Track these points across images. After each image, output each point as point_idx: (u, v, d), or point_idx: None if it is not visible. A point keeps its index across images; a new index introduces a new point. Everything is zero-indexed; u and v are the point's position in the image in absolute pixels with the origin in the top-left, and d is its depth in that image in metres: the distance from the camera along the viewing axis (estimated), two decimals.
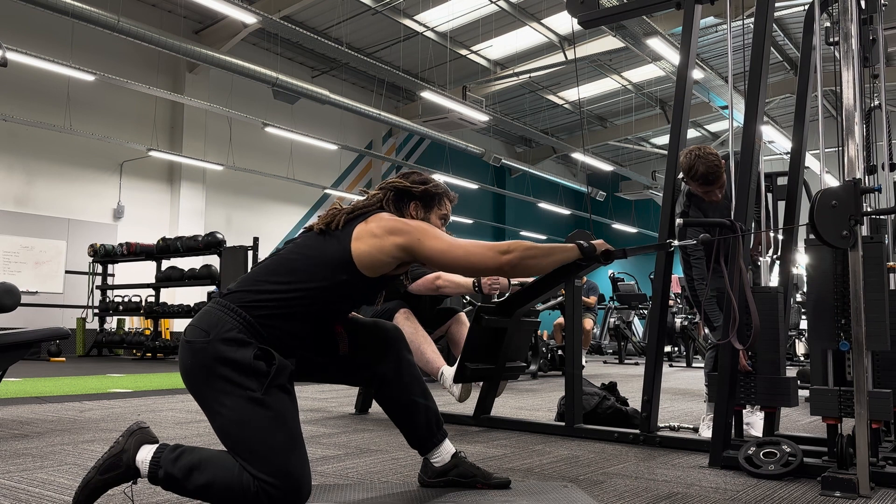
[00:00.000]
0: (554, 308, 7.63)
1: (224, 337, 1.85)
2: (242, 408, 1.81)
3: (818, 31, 3.18)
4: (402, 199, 2.19)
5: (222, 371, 1.83)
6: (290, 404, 1.89)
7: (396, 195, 2.19)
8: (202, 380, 1.86)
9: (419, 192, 2.20)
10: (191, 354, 1.88)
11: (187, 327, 1.95)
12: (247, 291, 1.94)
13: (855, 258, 2.31)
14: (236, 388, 1.82)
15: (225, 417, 1.82)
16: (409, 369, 2.20)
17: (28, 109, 11.57)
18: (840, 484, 2.24)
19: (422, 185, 2.21)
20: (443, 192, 2.26)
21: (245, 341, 1.86)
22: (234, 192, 14.87)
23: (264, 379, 1.84)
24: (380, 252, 1.98)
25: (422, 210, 2.21)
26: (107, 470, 1.82)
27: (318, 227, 2.05)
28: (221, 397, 1.82)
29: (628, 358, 11.56)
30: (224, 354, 1.84)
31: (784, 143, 15.49)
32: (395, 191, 2.19)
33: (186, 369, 1.90)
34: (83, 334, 10.64)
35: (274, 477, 1.76)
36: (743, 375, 2.82)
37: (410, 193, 2.20)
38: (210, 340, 1.85)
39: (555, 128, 20.14)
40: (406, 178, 2.24)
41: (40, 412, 4.04)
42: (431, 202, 2.23)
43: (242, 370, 1.83)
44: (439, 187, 2.26)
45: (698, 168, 3.25)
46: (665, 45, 10.67)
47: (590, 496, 2.19)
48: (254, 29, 12.53)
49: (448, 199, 2.28)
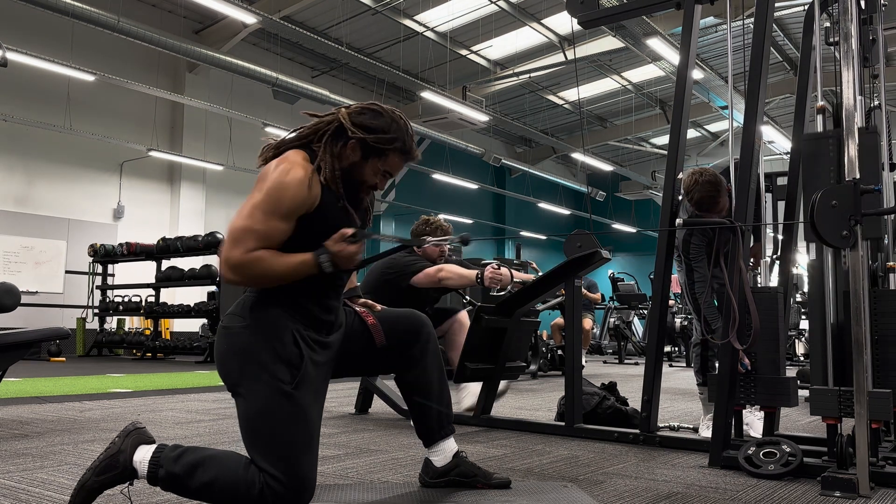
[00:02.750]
0: (554, 308, 7.63)
1: (259, 320, 1.86)
2: (270, 398, 1.80)
3: (818, 31, 3.18)
4: (342, 135, 1.93)
5: (257, 356, 1.83)
6: (316, 405, 1.90)
7: (337, 130, 1.93)
8: (236, 366, 1.85)
9: (356, 138, 1.91)
10: (227, 340, 1.89)
11: (224, 315, 1.95)
12: None
13: (855, 258, 2.31)
14: (269, 377, 1.82)
15: (251, 405, 1.82)
16: (434, 358, 2.20)
17: (28, 109, 11.57)
18: (840, 484, 2.24)
19: (364, 131, 1.91)
20: (391, 147, 1.94)
21: (280, 325, 1.86)
22: (234, 192, 14.86)
23: (296, 372, 1.84)
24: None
25: (359, 152, 1.94)
26: (103, 471, 1.81)
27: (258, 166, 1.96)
28: (252, 384, 1.82)
29: (628, 358, 11.56)
30: (260, 340, 1.84)
31: (784, 143, 15.50)
32: (338, 126, 1.93)
33: (221, 355, 1.90)
34: (83, 334, 10.64)
35: (283, 473, 1.75)
36: (743, 375, 2.82)
37: (346, 136, 1.92)
38: (248, 325, 1.87)
39: (555, 128, 20.14)
40: (359, 114, 1.95)
41: (40, 412, 4.04)
42: (371, 151, 1.94)
43: (277, 355, 1.83)
44: (386, 141, 1.93)
45: (694, 195, 3.26)
46: (665, 45, 10.67)
47: (590, 496, 2.19)
48: (254, 29, 12.53)
49: (399, 153, 1.97)
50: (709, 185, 3.24)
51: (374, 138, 1.92)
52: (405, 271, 3.92)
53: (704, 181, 3.24)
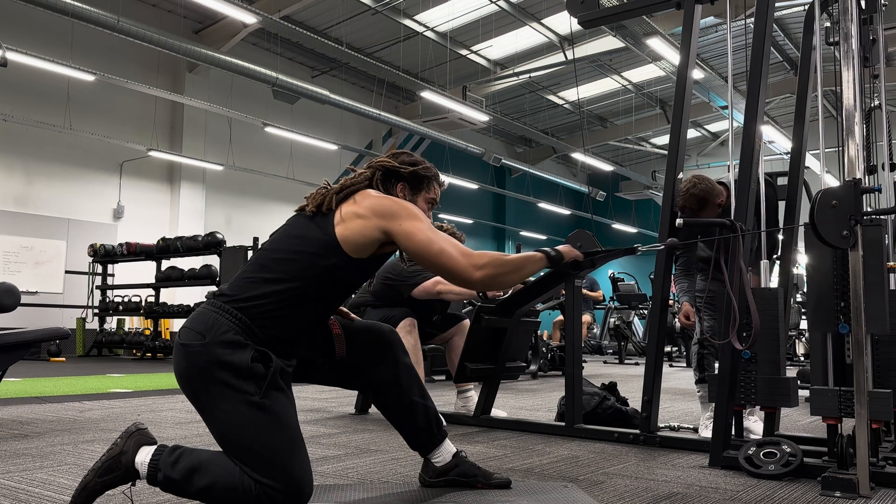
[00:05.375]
0: (554, 308, 7.63)
1: (220, 340, 1.83)
2: (241, 412, 1.78)
3: (818, 31, 3.18)
4: (390, 180, 2.13)
5: (220, 375, 1.80)
6: (289, 406, 1.88)
7: (385, 175, 2.12)
8: (199, 384, 1.83)
9: (407, 173, 2.13)
10: (186, 358, 1.85)
11: (181, 330, 1.91)
12: (239, 291, 1.91)
13: (855, 258, 2.31)
14: (234, 393, 1.79)
15: (223, 422, 1.80)
16: (406, 371, 2.18)
17: (28, 109, 11.57)
18: (840, 484, 2.24)
19: (411, 165, 2.15)
20: (432, 175, 2.19)
21: (242, 343, 1.84)
22: (234, 192, 14.86)
23: (262, 381, 1.82)
24: (361, 234, 1.94)
25: (409, 192, 2.15)
26: (105, 472, 1.80)
27: (310, 210, 2.00)
28: (219, 402, 1.80)
29: (628, 358, 11.55)
30: (221, 358, 1.81)
31: (784, 143, 15.49)
32: (384, 170, 2.12)
33: (182, 373, 1.86)
34: (83, 334, 10.63)
35: (276, 480, 1.75)
36: (743, 375, 2.82)
37: (398, 174, 2.13)
38: (206, 343, 1.82)
39: (555, 128, 20.14)
40: (395, 157, 2.16)
41: (40, 412, 4.03)
42: (419, 185, 2.16)
43: (240, 374, 1.80)
44: (429, 170, 2.19)
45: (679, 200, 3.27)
46: (665, 45, 10.66)
47: (590, 496, 2.19)
48: (254, 29, 12.53)
49: (437, 183, 2.21)
50: (693, 199, 3.27)
51: (421, 168, 2.15)
52: (406, 282, 3.97)
53: (693, 193, 3.27)
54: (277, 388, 1.86)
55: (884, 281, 2.38)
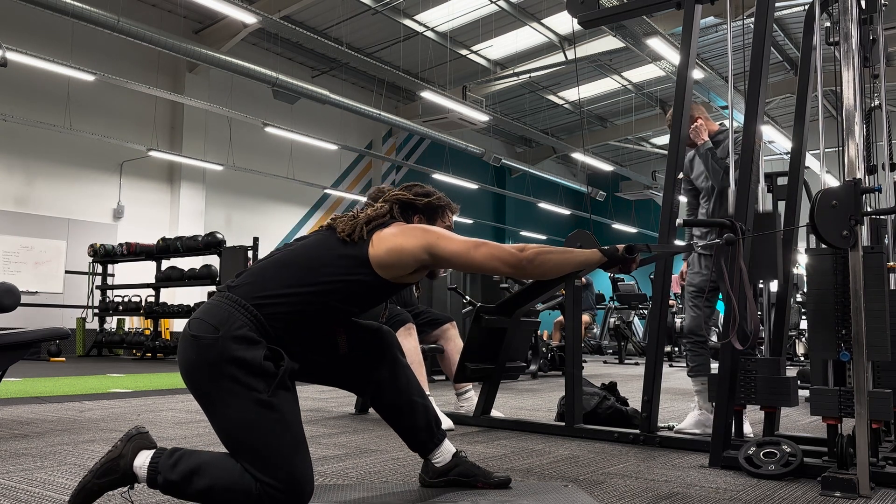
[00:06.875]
0: (554, 308, 7.63)
1: (234, 335, 1.82)
2: (248, 409, 1.79)
3: (818, 31, 3.18)
4: (407, 212, 2.20)
5: (230, 370, 1.80)
6: (295, 406, 1.89)
7: (402, 208, 2.20)
8: (207, 378, 1.82)
9: (422, 204, 2.21)
10: (196, 350, 1.84)
11: (192, 320, 1.89)
12: (257, 287, 1.91)
13: (855, 258, 2.31)
14: (243, 389, 1.79)
15: (229, 418, 1.80)
16: (404, 372, 2.19)
17: (28, 109, 11.57)
18: (840, 484, 2.24)
19: (424, 197, 2.22)
20: (445, 203, 2.27)
21: (255, 340, 1.84)
22: (234, 192, 14.86)
23: (272, 380, 1.82)
24: (400, 252, 1.97)
25: (426, 223, 2.22)
26: (104, 474, 1.80)
27: (342, 237, 2.01)
28: (227, 397, 1.80)
29: (628, 358, 11.56)
30: (234, 353, 1.80)
31: (784, 143, 15.49)
32: (400, 203, 2.20)
33: (190, 365, 1.85)
34: (83, 334, 10.64)
35: (278, 480, 1.75)
36: (743, 375, 2.82)
37: (414, 206, 2.21)
38: (220, 337, 1.82)
39: (555, 128, 20.14)
40: (408, 190, 2.24)
41: (40, 412, 4.04)
42: (435, 214, 2.24)
43: (251, 370, 1.80)
44: (441, 199, 2.27)
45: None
46: (665, 45, 10.67)
47: (590, 496, 2.19)
48: (254, 29, 12.53)
49: (450, 210, 2.29)
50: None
51: (434, 199, 2.23)
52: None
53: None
54: (285, 387, 1.87)
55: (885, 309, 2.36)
